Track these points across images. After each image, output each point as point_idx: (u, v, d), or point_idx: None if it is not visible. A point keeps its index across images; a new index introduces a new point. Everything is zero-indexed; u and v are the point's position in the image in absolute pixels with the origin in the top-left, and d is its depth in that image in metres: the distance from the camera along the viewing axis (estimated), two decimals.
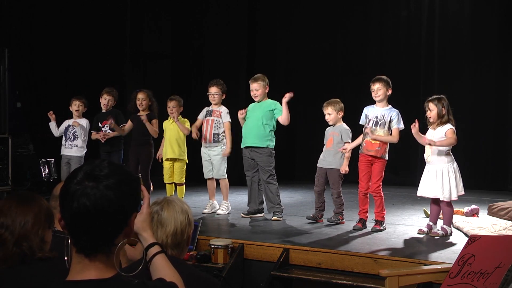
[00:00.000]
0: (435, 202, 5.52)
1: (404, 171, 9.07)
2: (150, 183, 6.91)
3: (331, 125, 6.14)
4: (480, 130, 8.74)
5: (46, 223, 2.33)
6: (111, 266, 1.59)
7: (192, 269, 2.51)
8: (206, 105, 6.86)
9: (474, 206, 6.45)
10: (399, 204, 7.35)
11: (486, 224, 5.76)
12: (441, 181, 5.35)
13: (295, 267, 4.90)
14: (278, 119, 6.31)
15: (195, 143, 6.95)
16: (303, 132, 9.78)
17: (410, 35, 9.30)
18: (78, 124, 7.04)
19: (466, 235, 5.36)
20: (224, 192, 6.68)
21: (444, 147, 5.33)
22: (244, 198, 6.90)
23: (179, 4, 10.26)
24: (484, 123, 8.76)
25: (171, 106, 6.82)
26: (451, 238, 5.34)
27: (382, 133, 5.66)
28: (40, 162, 7.92)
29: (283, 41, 10.14)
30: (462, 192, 5.45)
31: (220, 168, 6.63)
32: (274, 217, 6.19)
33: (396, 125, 5.64)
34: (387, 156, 5.73)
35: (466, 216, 6.31)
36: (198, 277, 2.31)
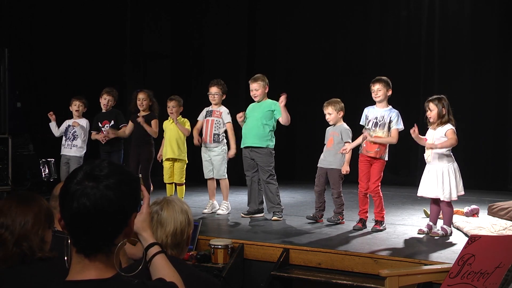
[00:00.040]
0: (435, 202, 5.52)
1: (404, 171, 9.07)
2: (150, 183, 6.91)
3: (331, 125, 6.14)
4: (480, 130, 8.74)
5: (46, 223, 2.33)
6: (111, 266, 1.59)
7: (192, 269, 2.51)
8: (206, 105, 6.86)
9: (474, 206, 6.45)
10: (399, 204, 7.35)
11: (486, 224, 5.76)
12: (441, 181, 5.35)
13: (295, 267, 4.90)
14: (278, 119, 6.31)
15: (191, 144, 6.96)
16: (303, 132, 9.78)
17: (410, 35, 9.30)
18: (77, 124, 7.04)
19: (466, 235, 5.36)
20: (224, 192, 6.68)
21: (445, 141, 5.33)
22: (244, 198, 6.90)
23: (179, 4, 10.26)
24: (484, 123, 8.76)
25: (170, 106, 6.82)
26: (451, 238, 5.34)
27: (382, 133, 5.66)
28: (40, 162, 7.93)
29: (283, 41, 10.14)
30: (462, 192, 5.45)
31: (220, 168, 6.63)
32: (274, 217, 6.19)
33: (396, 125, 5.64)
34: (387, 157, 5.73)
35: (466, 216, 6.31)
36: (198, 277, 2.31)
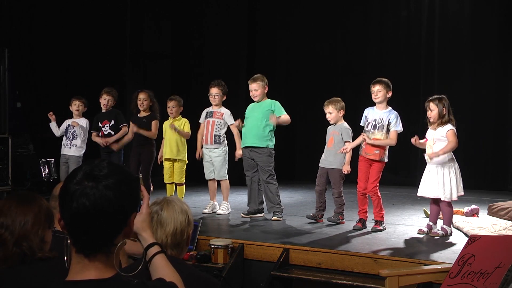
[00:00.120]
0: (435, 202, 5.52)
1: (404, 171, 9.07)
2: (150, 183, 6.91)
3: (332, 124, 6.14)
4: (480, 130, 8.74)
5: (46, 223, 2.33)
6: (110, 266, 1.59)
7: (192, 269, 2.51)
8: (206, 105, 6.85)
9: (474, 206, 6.45)
10: (399, 204, 7.34)
11: (486, 224, 5.76)
12: (442, 181, 5.34)
13: (295, 267, 4.90)
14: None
15: (195, 143, 6.95)
16: (303, 132, 9.78)
17: (410, 35, 9.30)
18: (77, 124, 7.03)
19: (466, 235, 5.36)
20: (224, 193, 6.68)
21: (446, 146, 5.32)
22: (244, 198, 6.90)
23: (179, 4, 10.26)
24: (484, 123, 8.76)
25: (170, 106, 6.82)
26: (451, 238, 5.34)
27: (381, 136, 5.65)
28: (40, 162, 7.93)
29: (283, 41, 10.14)
30: (461, 193, 5.45)
31: (221, 169, 6.63)
32: (274, 217, 6.19)
33: (395, 127, 5.63)
34: (387, 159, 5.73)
35: (466, 216, 6.31)
36: (198, 277, 2.31)
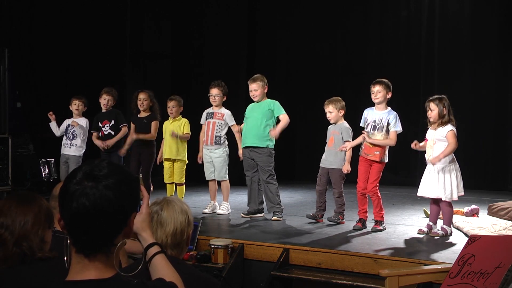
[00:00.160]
0: (435, 202, 5.52)
1: (404, 171, 9.07)
2: (150, 183, 6.91)
3: (332, 123, 6.14)
4: (480, 130, 8.74)
5: (46, 223, 2.33)
6: (110, 266, 1.59)
7: (192, 269, 2.51)
8: (206, 105, 6.85)
9: (474, 206, 6.45)
10: (399, 204, 7.34)
11: (486, 224, 5.76)
12: (442, 181, 5.34)
13: (295, 267, 4.90)
14: (279, 117, 6.30)
15: (195, 143, 6.95)
16: (303, 132, 9.78)
17: (410, 35, 9.30)
18: (77, 124, 7.03)
19: (466, 235, 5.36)
20: (224, 194, 6.68)
21: (445, 148, 5.32)
22: (244, 198, 6.90)
23: (179, 4, 10.26)
24: (484, 123, 8.76)
25: (170, 106, 6.82)
26: (451, 238, 5.33)
27: (380, 137, 5.65)
28: (40, 162, 7.93)
29: (283, 41, 10.14)
30: (462, 193, 5.44)
31: (221, 170, 6.64)
32: (274, 217, 6.19)
33: (394, 128, 5.62)
34: (387, 159, 5.73)
35: (466, 216, 6.31)
36: (198, 277, 2.31)
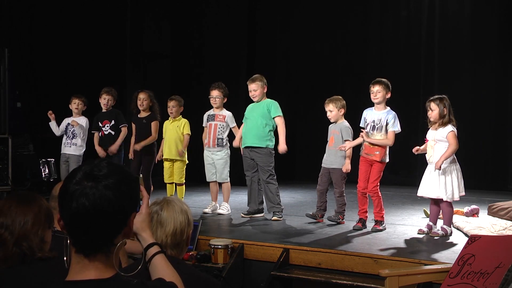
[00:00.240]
0: (435, 202, 5.52)
1: (404, 171, 9.06)
2: (151, 183, 6.90)
3: (332, 122, 6.13)
4: (480, 130, 8.73)
5: (46, 223, 2.33)
6: (110, 266, 1.59)
7: (192, 269, 2.51)
8: (206, 105, 6.85)
9: (474, 206, 6.45)
10: (399, 204, 7.34)
11: (486, 224, 5.76)
12: (443, 181, 5.33)
13: (295, 267, 4.90)
14: (275, 119, 6.29)
15: (196, 144, 6.94)
16: (303, 132, 9.78)
17: (410, 35, 9.30)
18: (77, 123, 7.03)
19: (466, 235, 5.36)
20: (225, 195, 6.69)
21: (446, 150, 5.31)
22: (244, 198, 6.90)
23: (179, 4, 10.26)
24: (484, 123, 8.76)
25: (171, 106, 6.82)
26: (451, 238, 5.33)
27: (380, 136, 5.65)
28: (40, 162, 7.92)
29: (283, 41, 10.14)
30: (463, 193, 5.44)
31: (223, 171, 6.65)
32: (274, 217, 6.19)
33: (392, 128, 5.62)
34: (387, 159, 5.72)
35: (466, 216, 6.31)
36: (198, 277, 2.31)
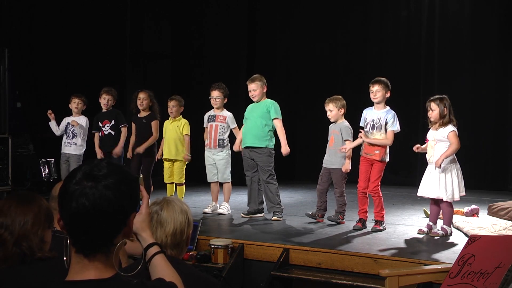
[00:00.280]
0: (435, 202, 5.51)
1: (404, 171, 9.06)
2: (151, 183, 6.91)
3: (332, 122, 6.13)
4: (480, 130, 8.73)
5: (45, 223, 2.33)
6: (110, 266, 1.59)
7: (192, 269, 2.51)
8: (206, 105, 6.85)
9: (474, 206, 6.45)
10: (399, 204, 7.34)
11: (486, 224, 5.76)
12: (444, 181, 5.33)
13: (295, 267, 4.90)
14: (273, 122, 6.29)
15: (196, 144, 6.94)
16: (303, 132, 9.77)
17: (410, 35, 9.30)
18: (77, 123, 7.04)
19: (466, 235, 5.36)
20: (226, 195, 6.69)
21: (447, 148, 5.31)
22: (244, 198, 6.90)
23: (179, 4, 10.26)
24: (484, 123, 8.75)
25: (171, 106, 6.83)
26: (451, 238, 5.33)
27: (379, 136, 5.65)
28: (40, 162, 7.93)
29: (283, 41, 10.14)
30: (463, 193, 5.44)
31: (225, 172, 6.66)
32: (274, 217, 6.19)
33: (391, 127, 5.62)
34: (388, 158, 5.72)
35: (466, 216, 6.31)
36: (198, 277, 2.31)
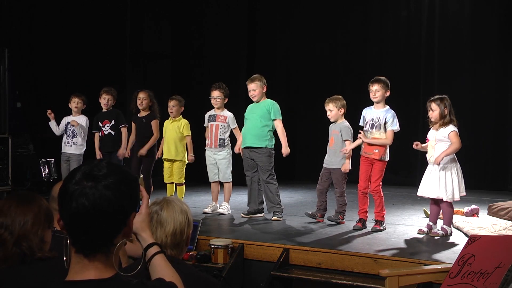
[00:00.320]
0: (435, 202, 5.51)
1: (404, 171, 9.06)
2: (151, 183, 6.91)
3: (332, 122, 6.13)
4: (480, 130, 8.73)
5: (45, 223, 2.33)
6: (110, 266, 1.59)
7: (192, 269, 2.51)
8: (206, 105, 6.85)
9: (474, 206, 6.45)
10: (399, 204, 7.34)
11: (486, 224, 5.76)
12: (444, 181, 5.33)
13: (295, 267, 4.90)
14: (274, 122, 6.30)
15: (196, 144, 6.94)
16: (303, 132, 9.76)
17: (410, 35, 9.29)
18: (77, 124, 7.04)
19: (466, 235, 5.36)
20: (226, 195, 6.70)
21: (448, 147, 5.31)
22: (244, 198, 6.90)
23: (179, 4, 10.26)
24: (484, 123, 8.75)
25: (171, 106, 6.83)
26: (451, 238, 5.33)
27: (378, 135, 5.65)
28: (40, 162, 7.93)
29: (283, 41, 10.13)
30: (463, 193, 5.43)
31: (226, 171, 6.66)
32: (274, 217, 6.19)
33: (391, 126, 5.61)
34: (388, 157, 5.72)
35: (466, 216, 6.31)
36: (198, 277, 2.31)
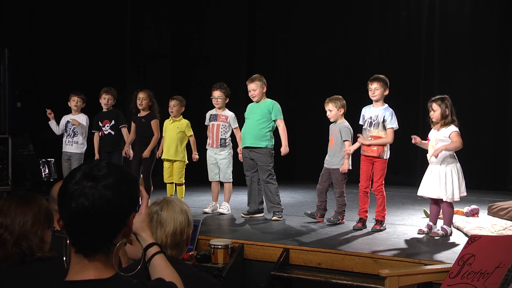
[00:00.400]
0: (435, 202, 5.51)
1: (404, 171, 9.06)
2: (151, 183, 6.91)
3: (332, 121, 6.13)
4: (480, 130, 8.73)
5: (45, 223, 2.33)
6: (110, 266, 1.59)
7: (192, 269, 2.51)
8: (206, 105, 6.85)
9: (474, 206, 6.45)
10: (399, 204, 7.34)
11: (486, 224, 5.76)
12: (444, 181, 5.32)
13: (295, 267, 4.90)
14: (276, 122, 6.30)
15: (198, 144, 6.94)
16: (303, 132, 9.77)
17: (410, 35, 9.29)
18: (78, 123, 7.05)
19: (466, 235, 5.36)
20: (226, 195, 6.70)
21: (450, 144, 5.31)
22: (244, 198, 6.90)
23: (179, 4, 10.26)
24: (484, 123, 8.75)
25: (171, 105, 6.83)
26: (451, 238, 5.33)
27: (377, 133, 5.65)
28: (40, 162, 7.93)
29: (283, 41, 10.13)
30: (464, 193, 5.43)
31: (227, 171, 6.66)
32: (274, 217, 6.19)
33: (390, 125, 5.61)
34: (388, 155, 5.71)
35: (466, 216, 6.31)
36: (198, 277, 2.31)
